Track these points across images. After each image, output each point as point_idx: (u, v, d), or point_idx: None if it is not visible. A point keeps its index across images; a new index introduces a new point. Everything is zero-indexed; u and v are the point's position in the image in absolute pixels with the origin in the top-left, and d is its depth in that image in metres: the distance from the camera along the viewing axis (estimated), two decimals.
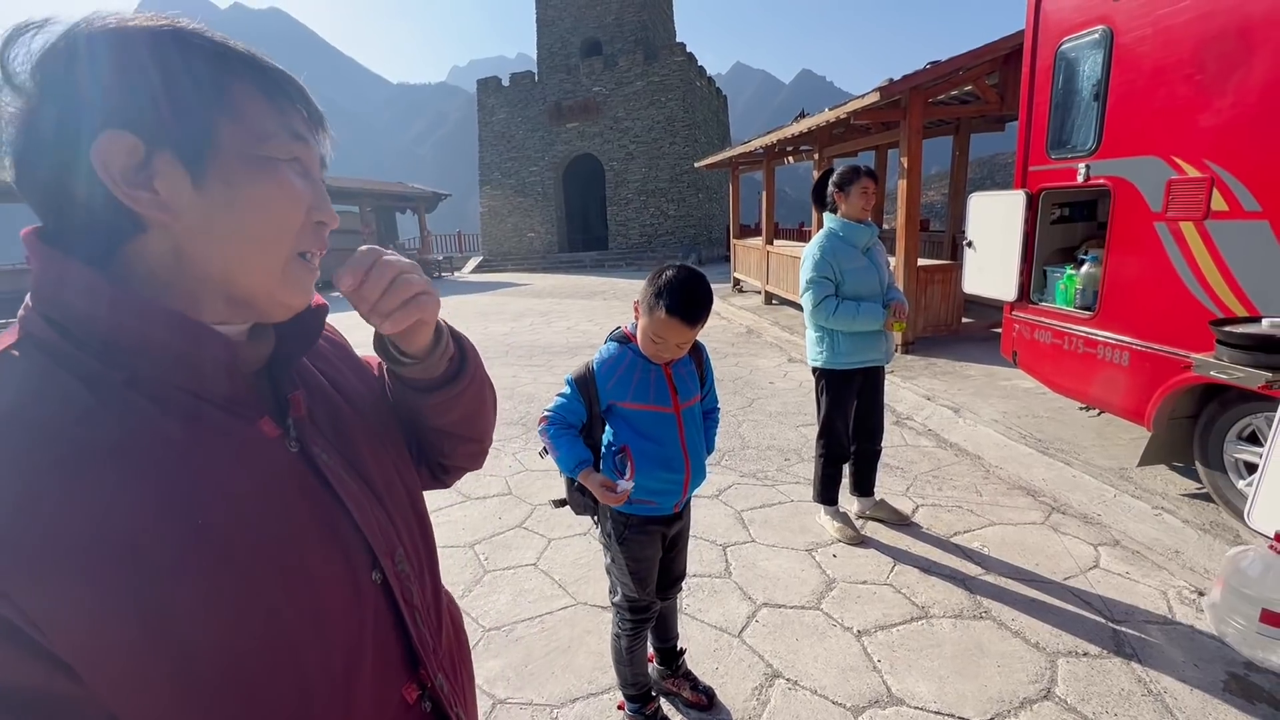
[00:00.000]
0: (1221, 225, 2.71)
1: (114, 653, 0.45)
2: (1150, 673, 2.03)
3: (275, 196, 0.54)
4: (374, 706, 0.62)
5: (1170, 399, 2.94)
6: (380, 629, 0.63)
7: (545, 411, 1.68)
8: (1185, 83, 2.83)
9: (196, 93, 0.50)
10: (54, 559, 0.43)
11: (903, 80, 5.78)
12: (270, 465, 0.57)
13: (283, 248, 0.56)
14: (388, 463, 0.71)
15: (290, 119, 0.56)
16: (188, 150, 0.50)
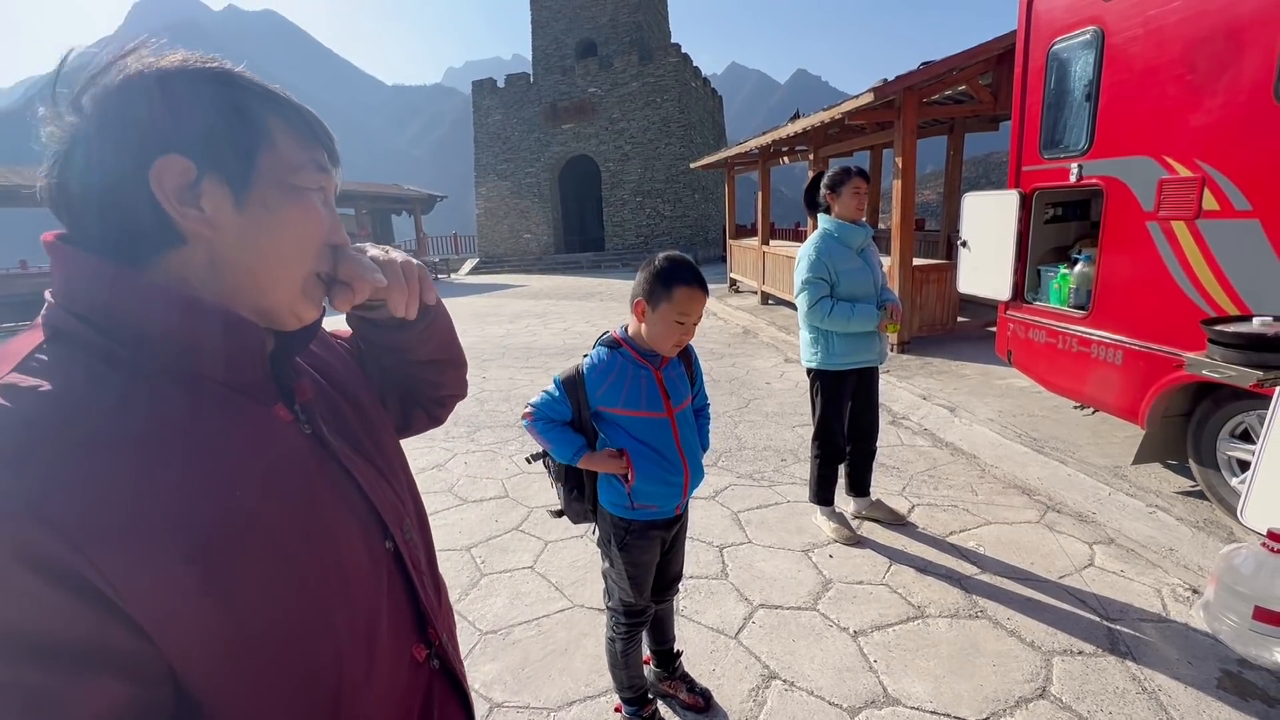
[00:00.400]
0: (1213, 224, 2.73)
1: (178, 615, 0.50)
2: (1145, 671, 2.04)
3: (302, 221, 0.61)
4: (391, 664, 0.68)
5: (1163, 397, 2.96)
6: (394, 592, 0.70)
7: (528, 406, 1.66)
8: (1176, 83, 2.85)
9: (243, 126, 0.57)
10: (128, 531, 0.48)
11: (896, 80, 5.80)
12: (290, 445, 0.63)
13: (304, 267, 0.62)
14: (383, 441, 0.78)
15: (316, 153, 0.63)
16: (234, 176, 0.57)
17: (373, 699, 0.65)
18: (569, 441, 1.62)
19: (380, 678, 0.66)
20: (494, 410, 5.42)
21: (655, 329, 1.57)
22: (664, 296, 1.53)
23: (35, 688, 0.44)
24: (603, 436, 1.67)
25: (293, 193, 0.60)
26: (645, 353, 1.64)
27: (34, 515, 0.44)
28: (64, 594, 0.45)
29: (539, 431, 1.63)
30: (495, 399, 5.78)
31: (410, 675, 0.71)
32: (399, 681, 0.69)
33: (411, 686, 0.71)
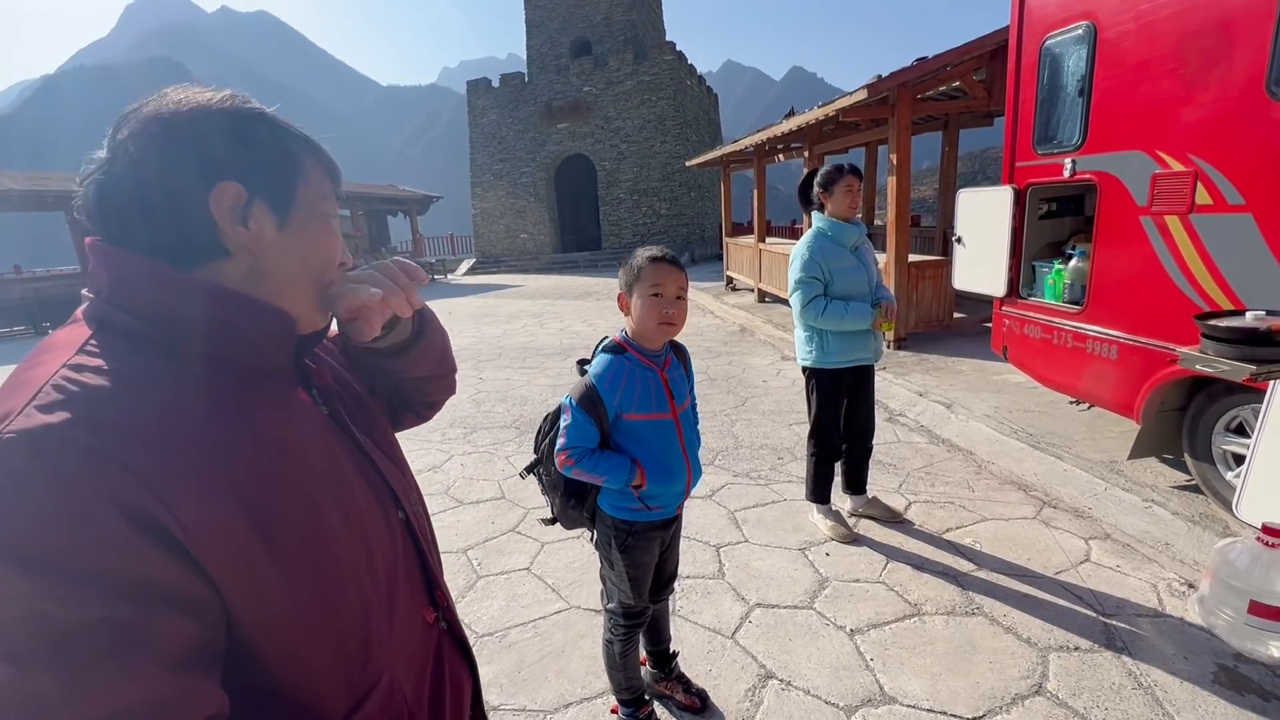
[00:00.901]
0: (1206, 219, 2.73)
1: (236, 562, 0.57)
2: (1141, 666, 2.05)
3: (326, 242, 0.72)
4: (407, 622, 0.76)
5: (1158, 392, 2.96)
6: (407, 558, 0.79)
7: (560, 452, 1.59)
8: (1168, 77, 2.85)
9: (285, 161, 0.68)
10: (195, 483, 0.56)
11: (890, 77, 5.80)
12: (315, 423, 0.72)
13: (323, 280, 0.72)
14: (382, 426, 0.87)
15: (331, 185, 0.74)
16: (278, 202, 0.67)
17: (394, 651, 0.73)
18: (619, 465, 1.58)
19: (399, 633, 0.74)
20: (490, 411, 5.41)
21: (638, 313, 1.58)
22: (636, 279, 1.58)
23: (122, 621, 0.50)
24: (615, 444, 1.64)
25: (321, 218, 0.71)
26: (649, 354, 1.64)
27: (123, 468, 0.51)
28: (147, 538, 0.52)
29: (586, 469, 1.57)
30: (492, 400, 5.77)
31: (422, 635, 0.79)
32: (414, 639, 0.78)
33: (424, 644, 0.80)
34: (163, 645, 0.52)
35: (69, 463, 0.50)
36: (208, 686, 0.55)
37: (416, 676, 0.77)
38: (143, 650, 0.50)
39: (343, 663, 0.67)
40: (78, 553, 0.49)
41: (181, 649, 0.53)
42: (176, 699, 0.52)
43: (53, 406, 0.52)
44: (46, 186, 13.91)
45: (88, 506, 0.49)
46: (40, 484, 0.49)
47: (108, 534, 0.50)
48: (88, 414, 0.53)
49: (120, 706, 0.49)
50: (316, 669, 0.65)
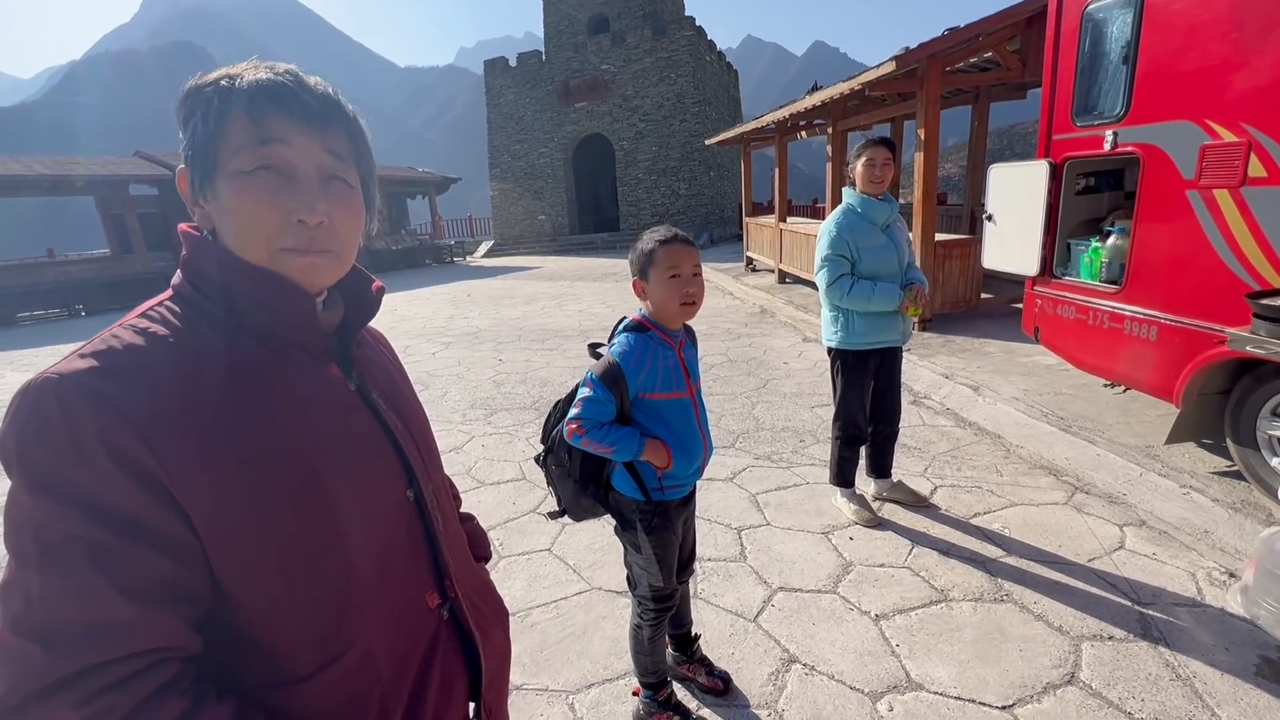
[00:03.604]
0: (1259, 192, 2.59)
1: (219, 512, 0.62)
2: (1179, 657, 1.98)
3: (238, 205, 0.67)
4: (400, 603, 0.77)
5: (1201, 374, 2.84)
6: (412, 537, 0.80)
7: (572, 421, 1.57)
8: (1221, 41, 2.69)
9: (206, 128, 0.66)
10: (193, 440, 0.61)
11: (920, 48, 5.59)
12: (336, 394, 0.75)
13: (260, 245, 0.68)
14: (425, 429, 0.89)
15: (265, 127, 0.66)
16: (206, 174, 0.68)
17: (376, 624, 0.73)
18: (629, 436, 1.56)
19: (387, 609, 0.74)
20: (511, 393, 5.42)
21: (657, 295, 1.57)
22: (649, 263, 1.57)
23: (98, 542, 0.57)
24: (634, 424, 1.63)
25: (231, 179, 0.67)
26: (669, 333, 1.63)
27: (121, 415, 0.58)
28: (131, 478, 0.58)
29: (596, 439, 1.55)
30: (512, 381, 5.79)
31: (419, 618, 0.79)
32: (407, 619, 0.77)
33: (419, 628, 0.79)
34: (130, 572, 0.58)
35: (78, 404, 0.58)
36: (170, 621, 0.61)
37: (401, 656, 0.76)
38: (111, 572, 0.57)
39: (315, 622, 0.69)
40: (71, 479, 0.57)
41: (148, 579, 0.59)
42: (133, 622, 0.58)
43: (90, 355, 0.61)
44: (76, 172, 14.16)
45: (84, 442, 0.57)
46: (54, 418, 0.58)
47: (96, 468, 0.57)
48: (111, 364, 0.61)
49: (81, 618, 0.56)
50: (288, 622, 0.67)
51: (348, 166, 0.73)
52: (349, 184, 0.73)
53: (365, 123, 0.77)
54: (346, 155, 0.73)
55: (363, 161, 0.76)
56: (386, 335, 0.98)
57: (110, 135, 53.11)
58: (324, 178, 0.70)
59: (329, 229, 0.71)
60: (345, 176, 0.73)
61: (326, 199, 0.70)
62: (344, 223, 0.73)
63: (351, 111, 0.74)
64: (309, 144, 0.69)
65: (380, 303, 0.84)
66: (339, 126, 0.72)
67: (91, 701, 0.55)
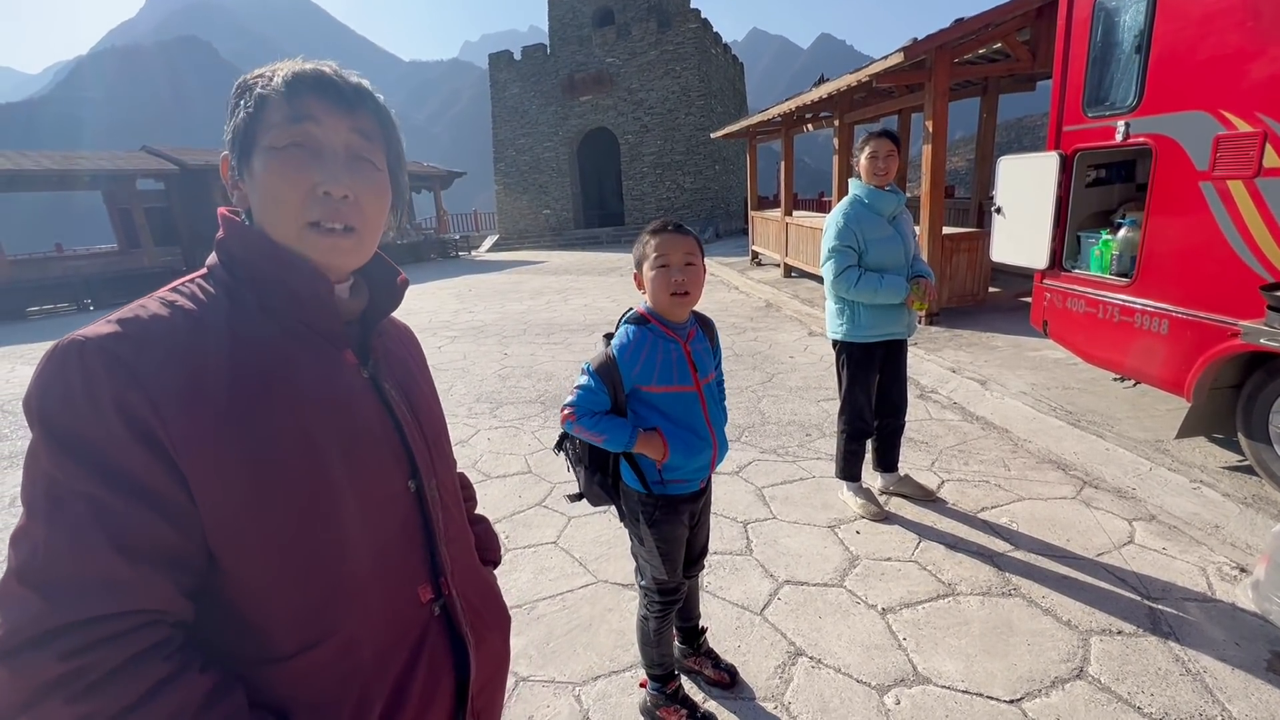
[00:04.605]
0: (1274, 183, 2.55)
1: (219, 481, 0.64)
2: (1189, 652, 1.97)
3: (270, 179, 0.70)
4: (390, 593, 0.77)
5: (1212, 368, 2.81)
6: (409, 528, 0.80)
7: (566, 407, 1.59)
8: (1236, 30, 2.65)
9: (248, 115, 0.70)
10: (201, 411, 0.63)
11: (928, 39, 5.54)
12: (347, 379, 0.76)
13: (290, 220, 0.71)
14: (438, 426, 0.90)
15: (299, 106, 0.70)
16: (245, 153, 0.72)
17: (362, 612, 0.73)
18: (620, 427, 1.56)
19: (376, 598, 0.75)
20: (516, 386, 5.43)
21: (651, 286, 1.58)
22: (644, 254, 1.58)
23: (103, 501, 0.59)
24: (633, 415, 1.63)
25: (265, 154, 0.70)
26: (672, 326, 1.62)
27: (135, 380, 0.61)
28: (137, 440, 0.60)
29: (586, 427, 1.57)
30: (517, 375, 5.79)
31: (410, 611, 0.79)
32: (396, 611, 0.77)
33: (409, 621, 0.79)
34: (130, 533, 0.60)
35: (97, 366, 0.60)
36: (164, 585, 0.62)
37: (386, 648, 0.76)
38: (111, 531, 0.59)
39: (302, 602, 0.69)
40: (83, 437, 0.60)
41: (146, 542, 0.61)
42: (128, 581, 0.60)
43: (116, 321, 0.64)
44: (82, 166, 14.21)
45: (99, 403, 0.60)
46: (75, 378, 0.60)
47: (108, 429, 0.60)
48: (134, 332, 0.64)
49: (79, 572, 0.58)
50: (275, 599, 0.68)
51: (375, 148, 0.76)
52: (376, 165, 0.76)
53: (397, 117, 0.81)
54: (375, 136, 0.76)
55: (391, 148, 0.79)
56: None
57: (116, 130, 53.25)
58: (351, 156, 0.73)
59: (353, 204, 0.73)
60: (372, 158, 0.75)
61: (351, 174, 0.73)
62: (369, 201, 0.75)
63: (384, 106, 0.78)
64: (338, 123, 0.72)
65: (403, 294, 0.86)
66: (369, 111, 0.75)
67: (79, 654, 0.57)
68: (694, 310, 1.68)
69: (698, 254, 1.57)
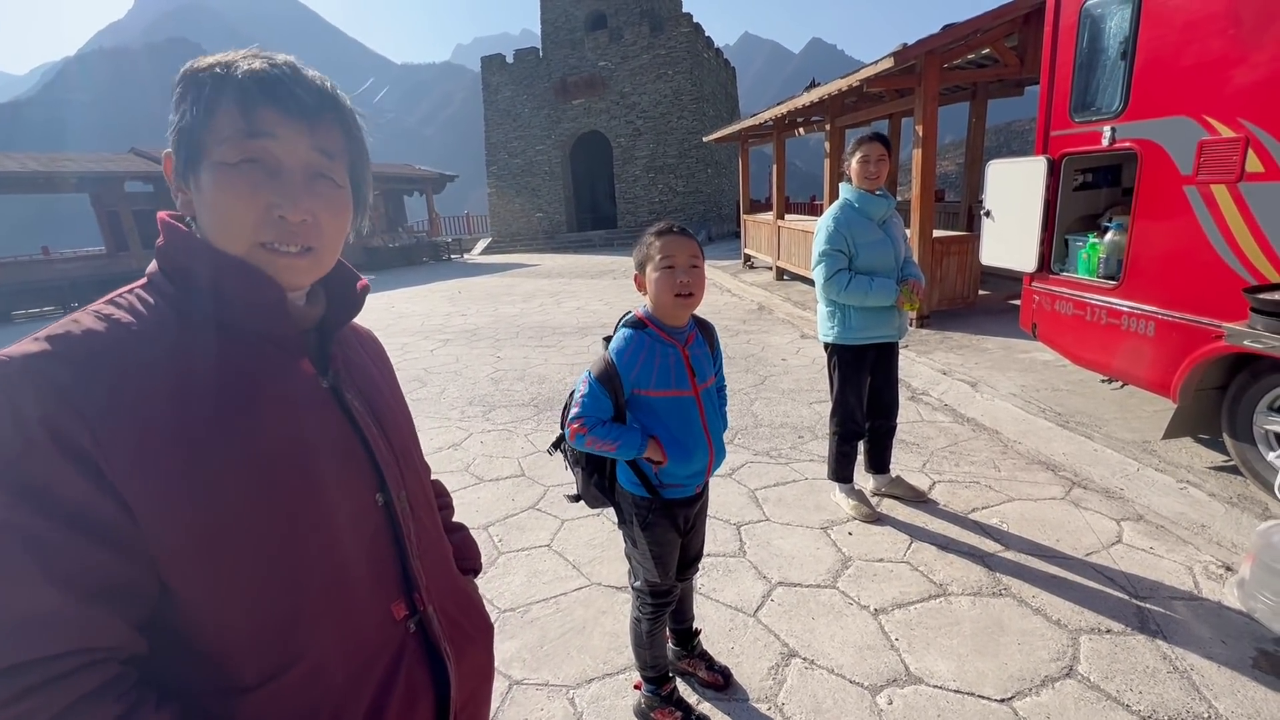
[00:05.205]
0: (1256, 187, 2.59)
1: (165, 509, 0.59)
2: (1176, 650, 1.99)
3: (219, 198, 0.66)
4: (361, 613, 0.72)
5: (1198, 370, 2.85)
6: (379, 544, 0.75)
7: (574, 421, 1.58)
8: (1219, 37, 2.69)
9: (194, 113, 0.65)
10: (141, 434, 0.59)
11: (917, 45, 5.59)
12: (305, 391, 0.72)
13: (241, 240, 0.67)
14: (405, 435, 0.86)
15: (255, 120, 0.65)
16: (192, 161, 0.66)
17: (330, 634, 0.69)
18: (631, 433, 1.56)
19: (345, 619, 0.71)
20: (509, 390, 5.42)
21: (653, 288, 1.57)
22: (647, 256, 1.58)
23: (35, 531, 0.54)
24: (631, 419, 1.63)
25: (215, 170, 0.65)
26: (670, 330, 1.62)
27: (68, 403, 0.57)
28: (71, 464, 0.56)
29: (600, 437, 1.56)
30: (510, 378, 5.78)
31: (383, 630, 0.75)
32: (368, 631, 0.73)
33: (382, 641, 0.75)
34: (68, 565, 0.55)
35: (23, 387, 0.56)
36: (110, 619, 0.58)
37: (359, 671, 0.72)
38: (46, 564, 0.54)
39: (265, 628, 0.65)
40: (10, 463, 0.55)
41: (87, 574, 0.56)
42: (69, 618, 0.55)
43: (45, 339, 0.60)
44: (70, 168, 14.08)
45: (26, 427, 0.55)
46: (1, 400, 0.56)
47: (37, 454, 0.55)
48: (65, 349, 0.59)
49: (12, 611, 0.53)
50: (236, 627, 0.64)
51: (337, 164, 0.72)
52: (336, 182, 0.72)
53: (362, 118, 0.75)
54: (337, 153, 0.71)
55: (356, 159, 0.74)
56: (384, 332, 0.98)
57: (104, 132, 52.54)
58: (310, 175, 0.69)
59: (312, 226, 0.69)
60: (333, 175, 0.71)
61: (311, 196, 0.68)
62: (328, 221, 0.71)
63: (348, 107, 0.73)
64: (298, 140, 0.67)
65: (363, 301, 0.82)
66: (332, 122, 0.70)
67: (19, 701, 0.52)
68: (694, 315, 1.68)
69: (700, 257, 1.58)
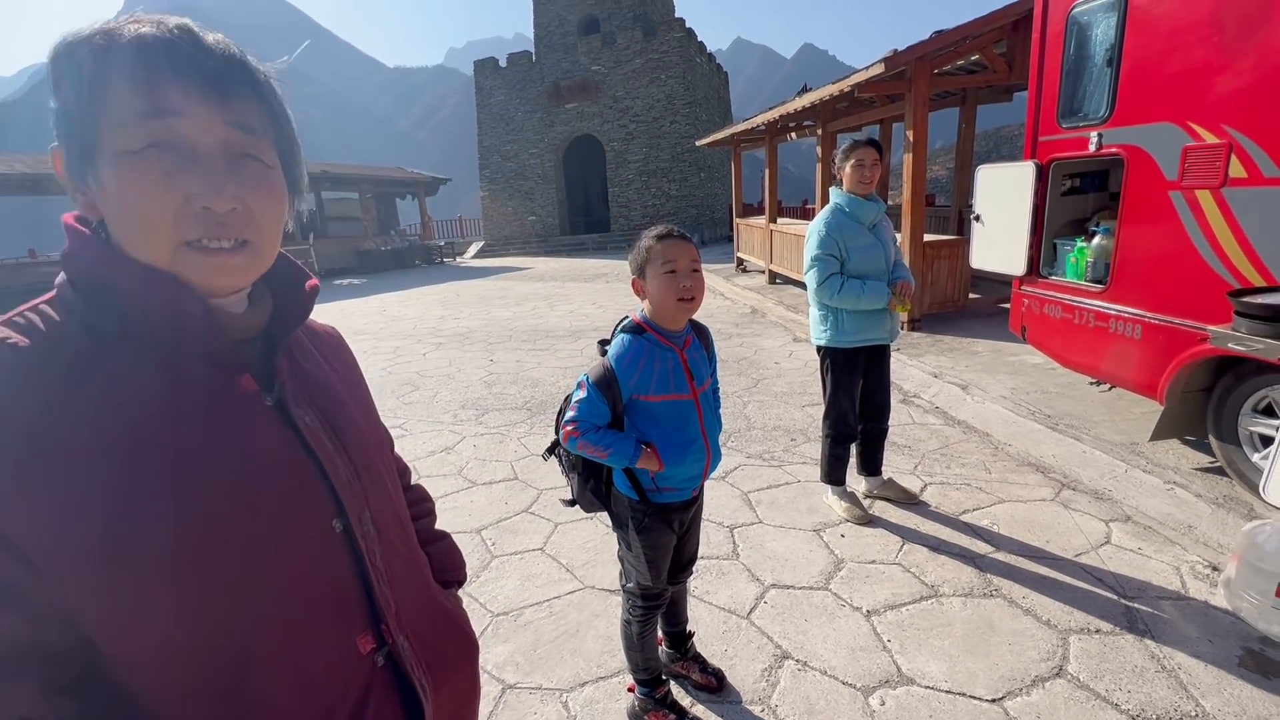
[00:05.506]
0: (1239, 193, 2.64)
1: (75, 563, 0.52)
2: (1164, 649, 2.02)
3: (126, 196, 0.56)
4: (320, 651, 0.65)
5: (1184, 372, 2.89)
6: (338, 574, 0.67)
7: (568, 424, 1.58)
8: (1203, 45, 2.74)
9: (82, 96, 0.55)
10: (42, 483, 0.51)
11: (908, 51, 5.64)
12: (242, 411, 0.63)
13: (160, 242, 0.57)
14: (370, 448, 0.77)
15: (154, 96, 0.55)
16: (87, 152, 0.56)
17: (286, 679, 0.62)
18: (624, 441, 1.56)
19: (301, 659, 0.63)
20: (502, 393, 5.41)
21: (655, 293, 1.56)
22: (646, 260, 1.57)
23: None
24: (629, 425, 1.63)
25: (116, 161, 0.55)
26: (669, 334, 1.62)
27: None
28: None
29: (592, 442, 1.56)
30: (503, 381, 5.77)
31: (347, 666, 0.67)
32: (330, 669, 0.66)
33: (347, 678, 0.67)
34: None
35: None
36: (20, 688, 0.51)
37: (321, 713, 0.65)
38: None
39: (209, 679, 0.58)
40: None
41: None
42: None
43: None
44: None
45: None
46: None
47: None
48: None
49: None
50: (176, 680, 0.57)
51: (262, 142, 0.62)
52: (264, 163, 0.62)
53: (282, 88, 0.64)
54: (259, 128, 0.61)
55: (282, 135, 0.65)
56: (376, 336, 0.89)
57: None
58: (232, 155, 0.59)
59: (243, 216, 0.60)
60: (260, 155, 0.62)
61: (236, 180, 0.59)
62: (261, 208, 0.61)
63: (264, 75, 0.62)
64: (209, 116, 0.57)
65: (313, 304, 0.73)
66: (247, 93, 0.60)
67: None
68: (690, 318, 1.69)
69: (700, 261, 1.58)
